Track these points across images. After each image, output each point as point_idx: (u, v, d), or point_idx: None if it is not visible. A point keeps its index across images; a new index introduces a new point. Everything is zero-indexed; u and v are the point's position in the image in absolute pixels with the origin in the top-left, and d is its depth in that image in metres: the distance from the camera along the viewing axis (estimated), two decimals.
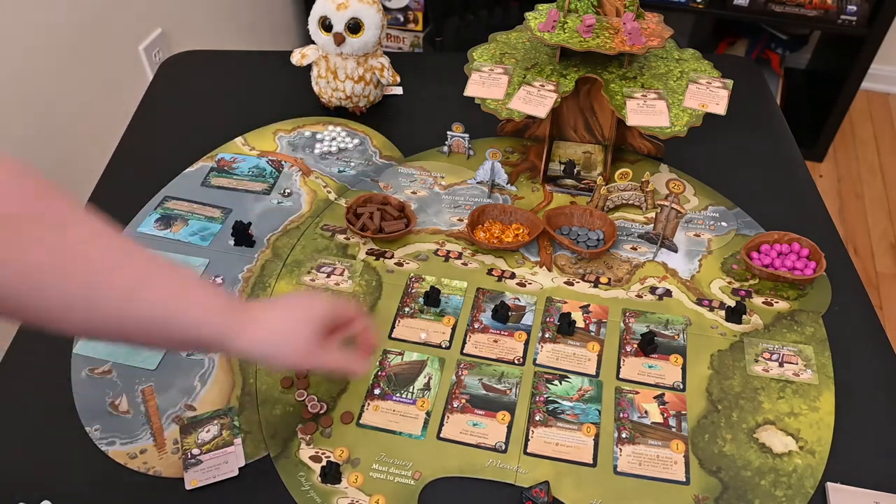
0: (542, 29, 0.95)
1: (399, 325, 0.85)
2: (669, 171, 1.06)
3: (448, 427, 0.76)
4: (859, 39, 2.13)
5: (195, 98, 1.21)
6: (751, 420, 0.77)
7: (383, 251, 0.94)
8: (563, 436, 0.75)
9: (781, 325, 0.86)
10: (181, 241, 0.95)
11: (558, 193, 1.02)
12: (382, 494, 0.70)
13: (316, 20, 1.07)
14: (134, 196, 1.01)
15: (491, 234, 0.95)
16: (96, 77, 1.57)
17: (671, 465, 0.73)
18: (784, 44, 2.55)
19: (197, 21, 1.93)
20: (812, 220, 0.99)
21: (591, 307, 0.88)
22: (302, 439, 0.75)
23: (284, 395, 0.79)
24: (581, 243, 0.94)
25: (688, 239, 0.96)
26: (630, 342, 0.84)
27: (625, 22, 0.94)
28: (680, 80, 0.98)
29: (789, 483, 0.71)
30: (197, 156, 1.08)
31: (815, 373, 0.81)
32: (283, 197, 1.01)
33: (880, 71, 2.60)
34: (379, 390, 0.79)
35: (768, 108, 1.20)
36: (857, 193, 2.35)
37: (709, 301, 0.89)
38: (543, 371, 0.81)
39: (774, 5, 2.14)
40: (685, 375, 0.81)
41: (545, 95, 0.95)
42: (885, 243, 2.19)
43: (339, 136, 1.11)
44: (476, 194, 1.02)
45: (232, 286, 0.89)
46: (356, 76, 1.10)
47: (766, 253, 0.92)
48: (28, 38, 1.37)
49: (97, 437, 0.75)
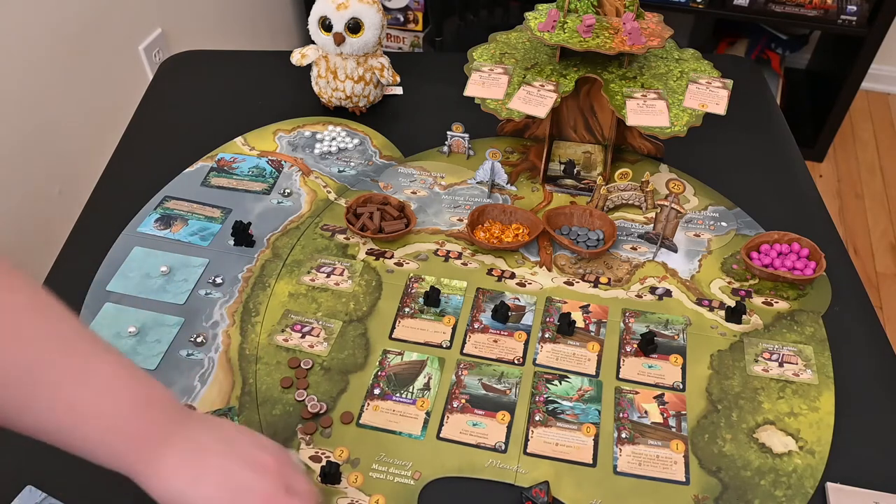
0: (542, 29, 0.95)
1: (399, 326, 0.85)
2: (669, 171, 1.06)
3: (448, 427, 0.76)
4: (859, 39, 2.13)
5: (195, 98, 1.21)
6: (751, 420, 0.77)
7: (383, 251, 0.94)
8: (562, 436, 0.75)
9: (781, 325, 0.86)
10: (181, 241, 0.95)
11: (558, 193, 1.03)
12: (382, 494, 0.70)
13: (316, 20, 1.07)
14: (134, 196, 1.01)
15: (491, 234, 0.95)
16: (96, 77, 1.57)
17: (671, 465, 0.73)
18: (784, 44, 2.55)
19: (197, 21, 1.93)
20: (812, 220, 0.99)
21: (590, 307, 0.88)
22: (302, 439, 0.75)
23: (284, 395, 0.79)
24: (581, 243, 0.94)
25: (688, 239, 0.96)
26: (630, 342, 0.84)
27: (625, 22, 0.94)
28: (680, 80, 0.98)
29: (789, 483, 0.71)
30: (197, 156, 1.08)
31: (815, 373, 0.81)
32: (282, 197, 1.01)
33: (880, 71, 2.60)
34: (379, 390, 0.79)
35: (768, 108, 1.20)
36: (857, 193, 2.35)
37: (709, 301, 0.89)
38: (543, 371, 0.81)
39: (774, 5, 2.14)
40: (685, 375, 0.81)
41: (545, 95, 0.95)
42: (885, 243, 2.19)
43: (339, 136, 1.11)
44: (476, 194, 1.02)
45: (232, 286, 0.89)
46: (356, 76, 1.10)
47: (765, 253, 0.92)
48: (28, 37, 1.37)
49: None
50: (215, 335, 0.84)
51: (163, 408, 0.53)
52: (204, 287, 0.89)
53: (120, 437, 0.50)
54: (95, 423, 0.49)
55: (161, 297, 0.88)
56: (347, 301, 0.88)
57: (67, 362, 0.49)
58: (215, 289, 0.89)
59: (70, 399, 0.49)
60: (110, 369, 0.52)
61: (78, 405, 0.49)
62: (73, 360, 0.50)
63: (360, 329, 0.85)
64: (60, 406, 0.49)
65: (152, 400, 0.53)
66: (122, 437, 0.50)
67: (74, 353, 0.50)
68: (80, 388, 0.49)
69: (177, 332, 0.84)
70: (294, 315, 0.86)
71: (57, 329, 0.51)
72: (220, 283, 0.90)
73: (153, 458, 0.51)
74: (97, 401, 0.50)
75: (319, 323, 0.85)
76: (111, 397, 0.50)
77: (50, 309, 0.51)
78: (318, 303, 0.88)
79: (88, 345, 0.52)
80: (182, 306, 0.87)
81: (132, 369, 0.53)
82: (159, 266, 0.91)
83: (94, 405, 0.49)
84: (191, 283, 0.89)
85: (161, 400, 0.54)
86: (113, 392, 0.51)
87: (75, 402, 0.49)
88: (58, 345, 0.50)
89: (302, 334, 0.84)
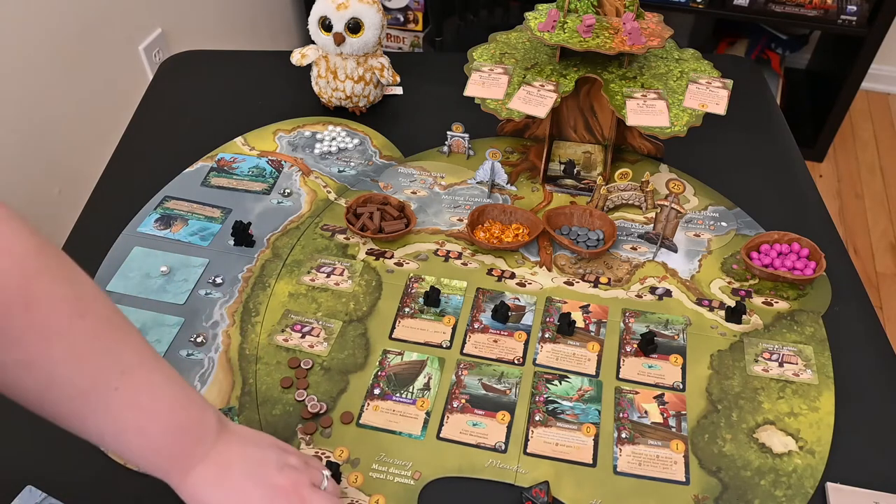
0: (542, 29, 0.95)
1: (399, 326, 0.85)
2: (669, 171, 1.06)
3: (448, 427, 0.76)
4: (859, 39, 2.13)
5: (195, 98, 1.21)
6: (751, 420, 0.77)
7: (383, 251, 0.94)
8: (562, 436, 0.75)
9: (781, 325, 0.86)
10: (181, 241, 0.95)
11: (558, 193, 1.03)
12: (382, 494, 0.70)
13: (316, 20, 1.07)
14: (134, 196, 1.01)
15: (491, 234, 0.95)
16: (96, 77, 1.57)
17: (671, 465, 0.73)
18: (784, 44, 2.55)
19: (197, 21, 1.93)
20: (812, 220, 0.99)
21: (590, 307, 0.88)
22: (302, 439, 0.75)
23: (284, 395, 0.79)
24: (581, 243, 0.94)
25: (688, 239, 0.96)
26: (630, 342, 0.84)
27: (625, 22, 0.94)
28: (680, 80, 0.98)
29: (789, 483, 0.71)
30: (197, 156, 1.08)
31: (815, 373, 0.81)
32: (282, 197, 1.01)
33: (880, 71, 2.60)
34: (379, 390, 0.79)
35: (768, 108, 1.20)
36: (857, 193, 2.35)
37: (709, 301, 0.89)
38: (543, 371, 0.81)
39: (774, 5, 2.14)
40: (685, 375, 0.81)
41: (545, 95, 0.95)
42: (885, 243, 2.19)
43: (339, 136, 1.11)
44: (476, 194, 1.02)
45: (232, 286, 0.89)
46: (356, 76, 1.10)
47: (765, 253, 0.92)
48: (28, 38, 1.37)
49: None
50: (215, 335, 0.84)
51: (200, 432, 0.60)
52: (204, 287, 0.89)
53: (160, 456, 0.58)
54: (139, 442, 0.57)
55: (161, 297, 0.88)
56: (347, 301, 0.88)
57: (123, 388, 0.56)
58: (215, 289, 0.89)
59: (121, 418, 0.56)
60: (159, 396, 0.59)
61: (128, 429, 0.57)
62: (128, 385, 0.56)
63: (360, 329, 0.85)
64: (111, 427, 0.57)
65: (191, 424, 0.60)
66: (162, 456, 0.58)
67: (129, 377, 0.57)
68: (131, 414, 0.57)
69: (177, 332, 0.84)
70: (294, 315, 0.86)
71: (118, 352, 0.57)
72: (220, 283, 0.90)
73: (186, 472, 0.59)
74: (143, 427, 0.57)
75: (319, 323, 0.85)
76: (157, 425, 0.58)
77: (113, 331, 0.57)
78: (318, 303, 0.88)
79: (144, 367, 0.58)
80: (182, 306, 0.87)
81: (178, 390, 0.60)
82: (159, 266, 0.91)
83: (140, 431, 0.57)
84: (191, 283, 0.89)
85: (199, 423, 0.60)
86: (158, 419, 0.58)
87: (125, 427, 0.57)
88: (118, 367, 0.56)
89: (302, 334, 0.84)
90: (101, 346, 0.56)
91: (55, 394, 0.54)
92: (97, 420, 0.56)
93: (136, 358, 0.58)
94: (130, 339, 0.59)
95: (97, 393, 0.55)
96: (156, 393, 0.58)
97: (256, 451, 0.62)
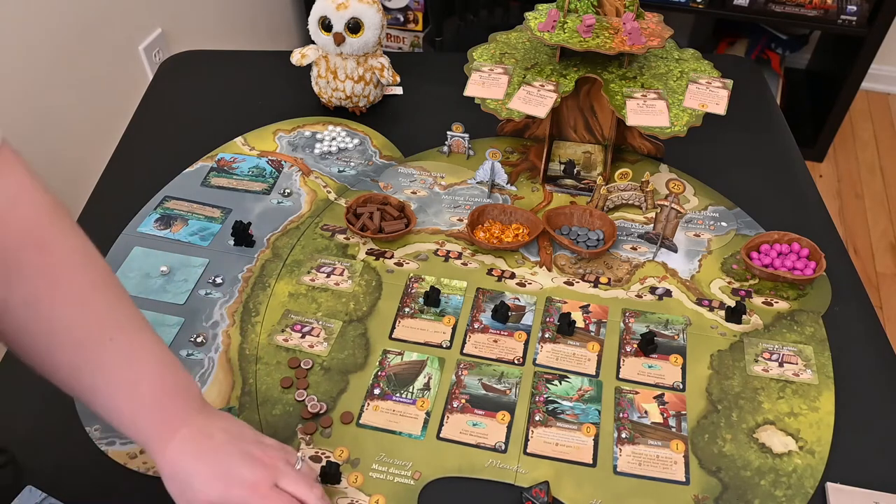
0: (542, 29, 0.95)
1: (399, 326, 0.85)
2: (669, 171, 1.06)
3: (448, 427, 0.76)
4: (859, 39, 2.13)
5: (195, 98, 1.21)
6: (751, 420, 0.77)
7: (383, 251, 0.94)
8: (562, 436, 0.75)
9: (781, 325, 0.86)
10: (181, 241, 0.95)
11: (558, 193, 1.03)
12: (382, 494, 0.70)
13: (316, 20, 1.07)
14: (134, 196, 1.01)
15: (491, 234, 0.95)
16: (96, 77, 1.57)
17: (671, 465, 0.73)
18: (784, 44, 2.55)
19: (197, 21, 1.93)
20: (812, 220, 0.99)
21: (590, 307, 0.88)
22: (302, 439, 0.75)
23: (284, 395, 0.79)
24: (581, 243, 0.94)
25: (688, 239, 0.96)
26: (630, 342, 0.84)
27: (625, 22, 0.94)
28: (680, 80, 0.98)
29: (789, 483, 0.71)
30: (197, 156, 1.08)
31: (815, 373, 0.81)
32: (282, 197, 1.01)
33: (880, 71, 2.60)
34: (379, 390, 0.79)
35: (768, 108, 1.20)
36: (857, 193, 2.35)
37: (709, 301, 0.89)
38: (543, 371, 0.81)
39: (774, 5, 2.14)
40: (685, 375, 0.81)
41: (545, 95, 0.95)
42: (885, 243, 2.19)
43: (339, 136, 1.11)
44: (476, 194, 1.02)
45: (232, 286, 0.89)
46: (356, 76, 1.10)
47: (765, 253, 0.92)
48: (28, 37, 1.37)
49: (97, 437, 0.75)
50: (215, 335, 0.84)
51: (186, 398, 0.62)
52: (204, 287, 0.89)
53: (147, 420, 0.59)
54: (129, 404, 0.58)
55: (161, 297, 0.88)
56: (347, 301, 0.88)
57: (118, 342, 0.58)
58: (215, 289, 0.89)
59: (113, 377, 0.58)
60: (150, 356, 0.61)
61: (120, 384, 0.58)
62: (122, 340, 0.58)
63: (360, 329, 0.85)
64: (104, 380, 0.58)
65: (179, 389, 0.62)
66: (149, 420, 0.59)
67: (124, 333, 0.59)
68: (124, 370, 0.58)
69: (177, 333, 0.84)
70: (294, 315, 0.86)
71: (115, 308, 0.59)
72: (220, 283, 0.90)
73: (167, 438, 0.59)
74: (135, 383, 0.58)
75: (319, 323, 0.85)
76: (147, 383, 0.59)
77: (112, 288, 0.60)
78: (318, 303, 0.88)
79: (137, 327, 0.61)
80: (182, 306, 0.87)
81: (167, 355, 0.63)
82: (159, 266, 0.91)
83: (131, 387, 0.58)
84: (191, 283, 0.89)
85: (186, 390, 0.63)
86: (149, 378, 0.60)
87: (118, 381, 0.58)
88: (115, 321, 0.59)
89: (302, 334, 0.84)
90: (101, 297, 0.59)
91: (55, 341, 0.56)
92: (92, 374, 0.58)
93: (131, 317, 0.61)
94: (126, 300, 0.62)
95: (93, 344, 0.57)
96: (148, 351, 0.61)
97: (234, 426, 0.64)
